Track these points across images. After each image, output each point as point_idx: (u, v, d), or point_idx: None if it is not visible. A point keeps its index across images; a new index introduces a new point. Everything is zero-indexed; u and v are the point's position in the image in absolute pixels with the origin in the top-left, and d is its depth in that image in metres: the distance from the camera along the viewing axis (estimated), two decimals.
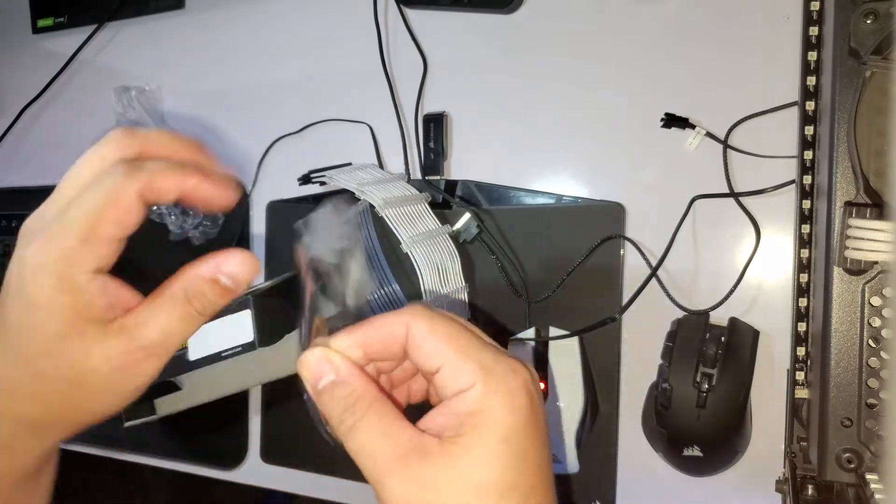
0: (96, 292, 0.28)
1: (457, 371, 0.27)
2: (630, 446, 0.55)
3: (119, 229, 0.28)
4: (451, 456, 0.26)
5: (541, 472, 0.27)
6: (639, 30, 0.56)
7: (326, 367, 0.28)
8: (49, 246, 0.27)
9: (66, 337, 0.28)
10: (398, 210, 0.55)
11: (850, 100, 0.38)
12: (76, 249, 0.27)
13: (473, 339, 0.28)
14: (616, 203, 0.55)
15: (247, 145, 0.70)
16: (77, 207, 0.28)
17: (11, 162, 0.84)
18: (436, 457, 0.26)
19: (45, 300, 0.27)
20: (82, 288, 0.28)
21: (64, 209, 0.28)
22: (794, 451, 0.44)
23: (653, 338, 0.53)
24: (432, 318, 0.28)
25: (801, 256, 0.45)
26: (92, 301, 0.28)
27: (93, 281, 0.28)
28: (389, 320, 0.29)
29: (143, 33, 0.77)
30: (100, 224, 0.28)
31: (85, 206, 0.28)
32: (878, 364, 0.37)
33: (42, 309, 0.27)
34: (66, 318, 0.28)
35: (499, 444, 0.26)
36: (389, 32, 0.65)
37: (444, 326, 0.28)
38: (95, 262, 0.28)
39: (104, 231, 0.28)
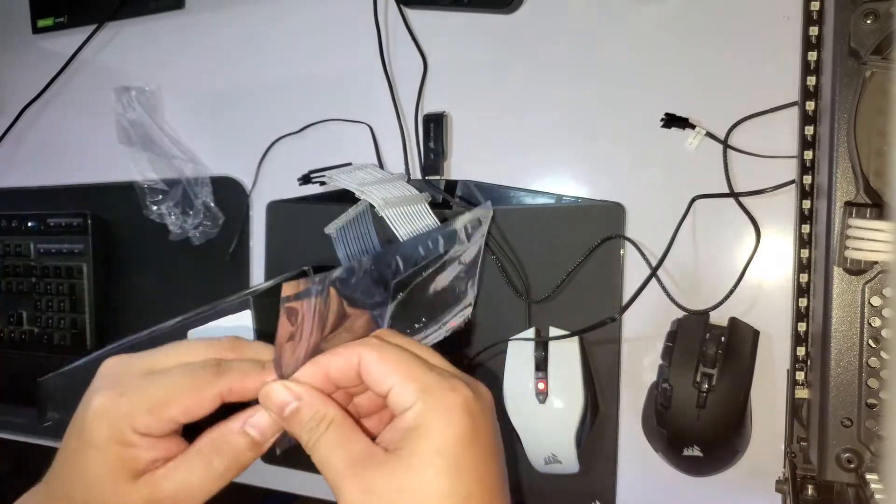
0: (144, 448, 0.31)
1: (402, 392, 0.30)
2: (630, 446, 0.55)
3: (184, 417, 0.32)
4: (391, 465, 0.29)
5: (481, 483, 0.29)
6: (639, 30, 0.56)
7: (289, 397, 0.31)
8: (119, 400, 0.31)
9: (105, 481, 0.31)
10: (398, 210, 0.55)
11: (850, 100, 0.38)
12: (139, 413, 0.31)
13: (418, 363, 0.31)
14: (616, 203, 0.55)
15: (247, 145, 0.70)
16: (160, 383, 0.32)
17: (11, 162, 0.84)
18: (380, 465, 0.29)
19: (97, 442, 0.31)
20: (132, 443, 0.31)
21: (151, 373, 0.32)
22: (794, 451, 0.44)
23: (653, 338, 0.53)
24: (382, 347, 0.32)
25: (801, 256, 0.45)
26: (138, 455, 0.31)
27: (143, 439, 0.31)
28: (345, 351, 0.32)
29: (143, 33, 0.77)
30: (170, 405, 0.31)
31: (168, 384, 0.32)
32: (878, 364, 0.37)
33: (93, 449, 0.31)
34: (111, 463, 0.31)
35: (433, 455, 0.29)
36: (389, 32, 0.65)
37: (391, 353, 0.31)
38: (147, 429, 0.31)
39: (170, 413, 0.31)
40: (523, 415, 0.53)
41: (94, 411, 0.31)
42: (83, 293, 0.75)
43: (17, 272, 0.78)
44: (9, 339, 0.78)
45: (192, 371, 0.32)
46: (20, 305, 0.78)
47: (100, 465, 0.31)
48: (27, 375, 0.57)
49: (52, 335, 0.76)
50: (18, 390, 0.78)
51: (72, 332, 0.75)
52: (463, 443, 0.29)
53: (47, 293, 0.76)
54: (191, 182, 0.70)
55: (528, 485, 0.56)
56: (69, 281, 0.75)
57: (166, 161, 0.72)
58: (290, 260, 0.64)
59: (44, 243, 0.76)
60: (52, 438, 0.79)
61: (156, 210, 0.72)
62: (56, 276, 0.75)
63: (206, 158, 0.73)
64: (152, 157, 0.72)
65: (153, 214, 0.72)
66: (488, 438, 0.31)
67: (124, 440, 0.31)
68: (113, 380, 0.32)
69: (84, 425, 0.31)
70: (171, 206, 0.71)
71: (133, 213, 0.73)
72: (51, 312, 0.76)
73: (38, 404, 0.53)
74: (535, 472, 0.54)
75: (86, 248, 0.74)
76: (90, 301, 0.75)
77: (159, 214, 0.72)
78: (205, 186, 0.71)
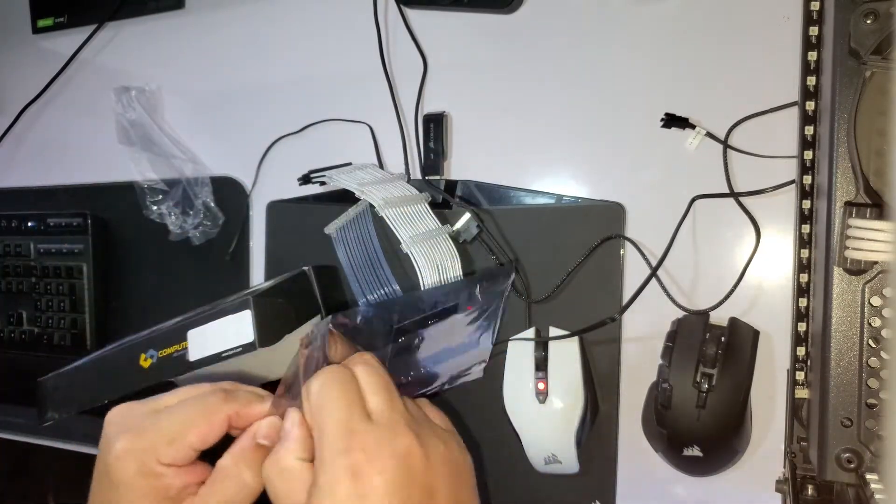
0: (172, 476, 0.34)
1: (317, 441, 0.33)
2: (630, 446, 0.55)
3: (201, 443, 0.35)
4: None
5: None
6: (639, 30, 0.56)
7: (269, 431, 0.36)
8: (139, 438, 0.34)
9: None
10: (398, 210, 0.55)
11: (850, 100, 0.37)
12: (161, 446, 0.33)
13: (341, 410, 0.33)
14: (616, 203, 0.55)
15: (247, 145, 0.70)
16: (175, 413, 0.35)
17: (11, 162, 0.84)
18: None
19: (126, 481, 0.33)
20: (160, 473, 0.33)
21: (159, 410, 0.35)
22: (794, 451, 0.44)
23: (653, 338, 0.53)
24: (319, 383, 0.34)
25: (801, 256, 0.45)
26: (169, 484, 0.34)
27: (169, 469, 0.34)
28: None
29: (143, 33, 0.77)
30: (188, 433, 0.34)
31: (181, 416, 0.34)
32: (878, 364, 0.37)
33: (123, 487, 0.33)
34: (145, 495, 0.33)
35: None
36: (389, 32, 0.65)
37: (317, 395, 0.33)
38: (173, 460, 0.34)
39: (189, 440, 0.34)
40: (523, 415, 0.53)
41: (115, 454, 0.33)
42: (83, 293, 0.75)
43: (17, 272, 0.78)
44: (9, 339, 0.78)
45: (202, 398, 0.35)
46: (20, 305, 0.78)
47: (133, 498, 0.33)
48: (27, 375, 0.57)
49: (52, 335, 0.76)
50: (18, 390, 0.78)
51: (72, 332, 0.75)
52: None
53: (47, 293, 0.76)
54: (191, 182, 0.70)
55: (528, 485, 0.56)
56: (69, 281, 0.75)
57: (166, 161, 0.72)
58: (290, 260, 0.64)
59: (44, 243, 0.76)
60: (52, 438, 0.79)
61: (156, 210, 0.72)
62: (56, 276, 0.75)
63: (206, 158, 0.73)
64: (152, 157, 0.72)
65: (153, 214, 0.72)
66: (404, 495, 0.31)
67: (152, 472, 0.33)
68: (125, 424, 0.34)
69: (108, 468, 0.33)
70: (171, 206, 0.71)
71: (133, 213, 0.73)
72: (51, 312, 0.76)
73: (38, 404, 0.53)
74: (535, 472, 0.54)
75: (86, 248, 0.74)
76: (90, 301, 0.75)
77: (159, 214, 0.72)
78: (205, 186, 0.71)
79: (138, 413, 0.35)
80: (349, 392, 0.33)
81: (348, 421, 0.32)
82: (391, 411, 0.33)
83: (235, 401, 0.35)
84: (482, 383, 0.57)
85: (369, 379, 0.34)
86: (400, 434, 0.32)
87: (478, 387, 0.57)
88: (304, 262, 0.57)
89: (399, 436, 0.32)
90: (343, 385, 0.33)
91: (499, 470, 0.57)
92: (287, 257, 0.66)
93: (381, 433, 0.32)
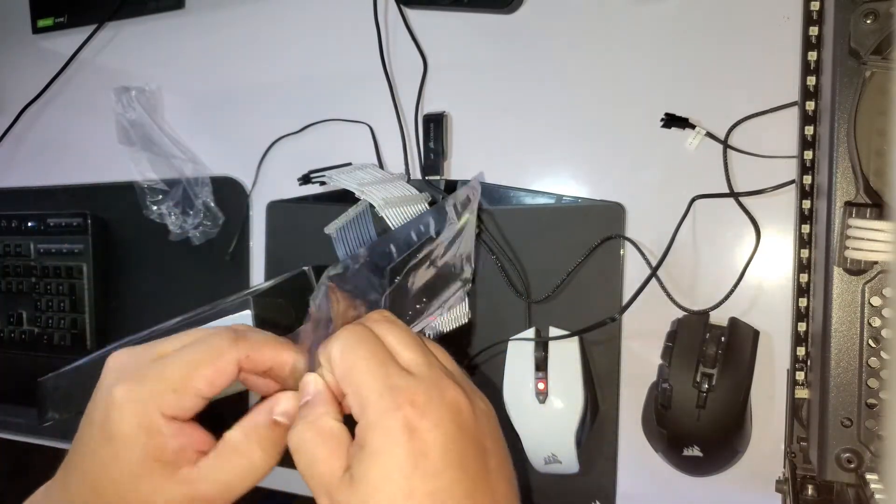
0: (170, 435, 0.30)
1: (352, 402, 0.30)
2: (630, 446, 0.55)
3: (209, 388, 0.31)
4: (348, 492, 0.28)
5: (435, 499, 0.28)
6: (639, 30, 0.56)
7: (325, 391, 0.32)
8: (141, 387, 0.30)
9: (138, 475, 0.30)
10: (398, 210, 0.55)
11: (850, 100, 0.37)
12: (165, 395, 0.30)
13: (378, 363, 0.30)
14: (616, 203, 0.55)
15: (247, 145, 0.70)
16: (178, 358, 0.31)
17: (11, 162, 0.84)
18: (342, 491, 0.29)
19: (124, 435, 0.30)
20: (159, 430, 0.30)
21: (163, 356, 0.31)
22: (794, 451, 0.44)
23: (653, 338, 0.53)
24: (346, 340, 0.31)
25: (801, 256, 0.45)
26: (165, 443, 0.30)
27: (169, 425, 0.30)
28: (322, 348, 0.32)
29: (143, 33, 0.77)
30: (194, 378, 0.30)
31: (186, 359, 0.31)
32: (878, 364, 0.37)
33: (119, 442, 0.30)
34: (140, 455, 0.30)
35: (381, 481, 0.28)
36: (389, 32, 0.65)
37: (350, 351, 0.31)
38: (177, 411, 0.30)
39: (195, 386, 0.31)
40: (523, 415, 0.53)
41: (116, 402, 0.30)
42: (83, 293, 0.75)
43: (17, 272, 0.78)
44: (9, 339, 0.78)
45: (208, 339, 0.32)
46: (20, 305, 0.78)
47: (130, 458, 0.30)
48: (27, 375, 0.57)
49: (52, 335, 0.76)
50: (18, 390, 0.78)
51: (72, 332, 0.75)
52: (409, 464, 0.28)
53: (47, 293, 0.76)
54: (191, 182, 0.70)
55: (528, 485, 0.56)
56: (69, 281, 0.75)
57: (166, 161, 0.72)
58: (290, 260, 0.64)
59: (44, 243, 0.76)
60: (52, 438, 0.79)
61: (156, 210, 0.72)
62: (56, 276, 0.75)
63: (206, 158, 0.73)
64: (152, 157, 0.72)
65: (153, 214, 0.72)
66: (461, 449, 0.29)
67: (152, 427, 0.30)
68: (127, 371, 0.31)
69: (107, 418, 0.30)
70: (171, 206, 0.71)
71: (133, 213, 0.73)
72: (51, 312, 0.76)
73: (38, 404, 0.53)
74: (535, 472, 0.54)
75: (86, 248, 0.74)
76: (90, 301, 0.75)
77: (159, 214, 0.72)
78: (205, 186, 0.71)
79: (143, 359, 0.32)
80: (379, 349, 0.31)
81: (387, 377, 0.30)
82: (429, 365, 0.31)
83: (246, 342, 0.32)
84: (482, 383, 0.57)
85: (397, 335, 0.32)
86: (448, 388, 0.30)
87: (478, 386, 0.57)
88: (304, 262, 0.57)
89: (448, 389, 0.30)
90: (369, 343, 0.31)
91: None
92: (287, 257, 0.66)
93: (428, 385, 0.30)
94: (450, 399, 0.30)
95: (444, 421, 0.29)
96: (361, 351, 0.31)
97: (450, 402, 0.30)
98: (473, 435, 0.30)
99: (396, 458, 0.28)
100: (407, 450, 0.28)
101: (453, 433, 0.29)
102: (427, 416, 0.29)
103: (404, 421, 0.28)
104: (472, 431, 0.30)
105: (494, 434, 0.31)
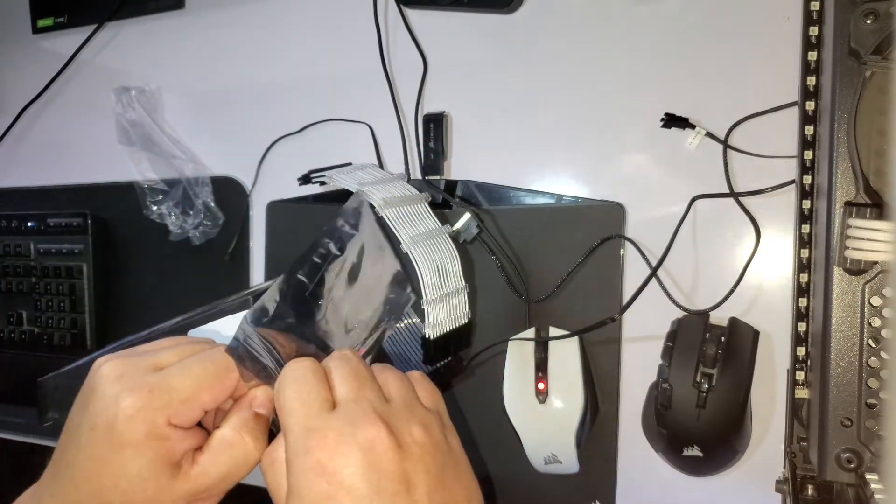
0: (178, 439, 0.33)
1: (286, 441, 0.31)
2: (630, 446, 0.55)
3: (213, 402, 0.34)
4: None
5: None
6: (639, 30, 0.56)
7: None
8: (150, 397, 0.32)
9: (147, 478, 0.32)
10: (398, 210, 0.55)
11: (850, 100, 0.37)
12: (174, 406, 0.33)
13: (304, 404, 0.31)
14: (616, 203, 0.55)
15: (247, 145, 0.70)
16: (186, 371, 0.34)
17: (11, 162, 0.84)
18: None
19: (135, 443, 0.32)
20: (168, 436, 0.32)
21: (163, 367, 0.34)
22: (794, 451, 0.44)
23: (653, 338, 0.53)
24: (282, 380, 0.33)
25: (801, 256, 0.45)
26: (174, 447, 0.33)
27: (176, 431, 0.33)
28: None
29: (143, 33, 0.77)
30: (202, 393, 0.33)
31: (194, 373, 0.34)
32: (878, 364, 0.37)
33: (130, 450, 0.32)
34: (152, 460, 0.32)
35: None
36: (389, 32, 0.65)
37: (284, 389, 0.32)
38: (183, 421, 0.33)
39: (202, 399, 0.34)
40: (523, 415, 0.53)
41: (125, 412, 0.32)
42: (83, 293, 0.75)
43: (17, 272, 0.78)
44: (9, 339, 0.78)
45: (211, 357, 0.34)
46: (20, 305, 0.78)
47: (140, 464, 0.32)
48: (27, 375, 0.57)
49: (52, 335, 0.76)
50: (18, 390, 0.78)
51: (72, 332, 0.75)
52: None
53: (47, 293, 0.76)
54: (191, 182, 0.70)
55: (528, 485, 0.56)
56: (69, 281, 0.75)
57: (166, 161, 0.72)
58: (290, 260, 0.64)
59: (44, 243, 0.76)
60: (52, 438, 0.79)
61: (156, 210, 0.72)
62: (56, 276, 0.75)
63: (206, 158, 0.73)
64: (152, 157, 0.72)
65: (153, 214, 0.72)
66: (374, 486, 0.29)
67: (161, 434, 0.32)
68: (131, 380, 0.33)
69: (114, 427, 0.32)
70: (171, 206, 0.71)
71: (133, 213, 0.73)
72: (51, 312, 0.76)
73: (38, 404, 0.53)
74: (535, 472, 0.54)
75: (86, 248, 0.74)
76: (90, 301, 0.75)
77: (159, 214, 0.72)
78: (205, 186, 0.71)
79: (140, 369, 0.33)
80: (307, 388, 0.32)
81: (305, 419, 0.31)
82: (357, 400, 0.31)
83: None
84: (482, 383, 0.57)
85: (338, 371, 0.33)
86: (364, 424, 0.30)
87: (478, 387, 0.57)
88: None
89: (362, 426, 0.30)
90: (300, 382, 0.32)
91: (499, 470, 0.57)
92: (287, 257, 0.66)
93: (341, 426, 0.30)
94: (363, 437, 0.30)
95: (352, 461, 0.29)
96: (289, 391, 0.32)
97: (363, 440, 0.30)
98: (392, 471, 0.30)
99: (309, 500, 0.29)
100: (317, 491, 0.29)
101: (363, 472, 0.29)
102: (335, 457, 0.29)
103: (315, 463, 0.29)
104: (390, 467, 0.30)
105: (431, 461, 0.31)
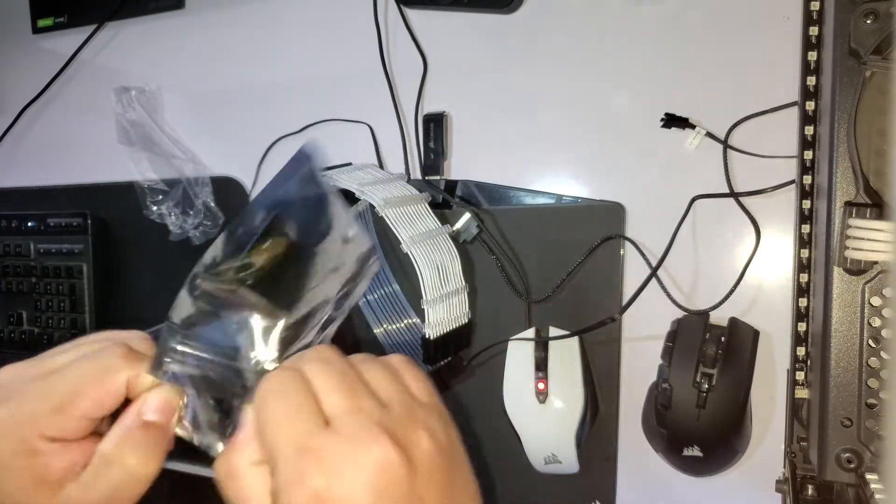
0: (54, 454, 0.28)
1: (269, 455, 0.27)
2: (630, 446, 0.55)
3: (96, 410, 0.29)
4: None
5: None
6: (639, 30, 0.56)
7: None
8: (20, 409, 0.28)
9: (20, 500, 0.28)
10: (398, 210, 0.55)
11: (850, 100, 0.38)
12: (45, 417, 0.28)
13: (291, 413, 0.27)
14: (616, 203, 0.55)
15: (247, 145, 0.70)
16: (62, 376, 0.29)
17: (11, 162, 0.84)
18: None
19: (3, 461, 0.28)
20: (41, 452, 0.28)
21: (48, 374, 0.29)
22: (794, 451, 0.44)
23: (653, 338, 0.53)
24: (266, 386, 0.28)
25: (801, 256, 0.45)
26: (48, 463, 0.28)
27: (51, 445, 0.28)
28: None
29: (143, 33, 0.77)
30: (78, 400, 0.28)
31: (70, 378, 0.28)
32: (878, 364, 0.37)
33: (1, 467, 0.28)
34: (22, 480, 0.28)
35: None
36: (389, 32, 0.65)
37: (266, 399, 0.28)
38: (60, 433, 0.28)
39: (80, 407, 0.28)
40: (523, 415, 0.53)
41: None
42: (83, 293, 0.75)
43: (17, 272, 0.78)
44: (9, 339, 0.78)
45: (96, 357, 0.29)
46: (20, 305, 0.78)
47: (10, 484, 0.28)
48: None
49: (52, 335, 0.76)
50: None
51: (72, 332, 0.75)
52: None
53: (47, 293, 0.76)
54: (191, 182, 0.70)
55: (528, 485, 0.56)
56: (69, 281, 0.75)
57: (166, 161, 0.72)
58: None
59: (44, 243, 0.76)
60: None
61: (156, 210, 0.72)
62: (56, 276, 0.75)
63: (206, 158, 0.73)
64: (152, 157, 0.72)
65: (153, 214, 0.72)
66: None
67: (31, 450, 0.28)
68: (11, 389, 0.29)
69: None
70: (171, 206, 0.71)
71: (133, 213, 0.73)
72: (51, 312, 0.76)
73: None
74: (535, 472, 0.54)
75: (86, 248, 0.74)
76: (90, 301, 0.75)
77: (159, 214, 0.72)
78: (205, 186, 0.71)
79: (27, 376, 0.29)
80: (295, 401, 0.27)
81: (297, 437, 0.26)
82: (354, 412, 0.27)
83: (138, 361, 0.29)
84: (482, 383, 0.57)
85: (325, 377, 0.28)
86: (369, 441, 0.25)
87: (478, 387, 0.57)
88: None
89: (368, 444, 0.25)
90: (286, 394, 0.27)
91: (499, 470, 0.57)
92: None
93: (343, 445, 0.25)
94: (370, 458, 0.25)
95: (359, 488, 0.25)
96: (274, 405, 0.27)
97: (370, 462, 0.25)
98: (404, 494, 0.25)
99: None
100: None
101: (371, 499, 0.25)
102: (339, 484, 0.25)
103: (311, 494, 0.25)
104: (402, 491, 0.25)
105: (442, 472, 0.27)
